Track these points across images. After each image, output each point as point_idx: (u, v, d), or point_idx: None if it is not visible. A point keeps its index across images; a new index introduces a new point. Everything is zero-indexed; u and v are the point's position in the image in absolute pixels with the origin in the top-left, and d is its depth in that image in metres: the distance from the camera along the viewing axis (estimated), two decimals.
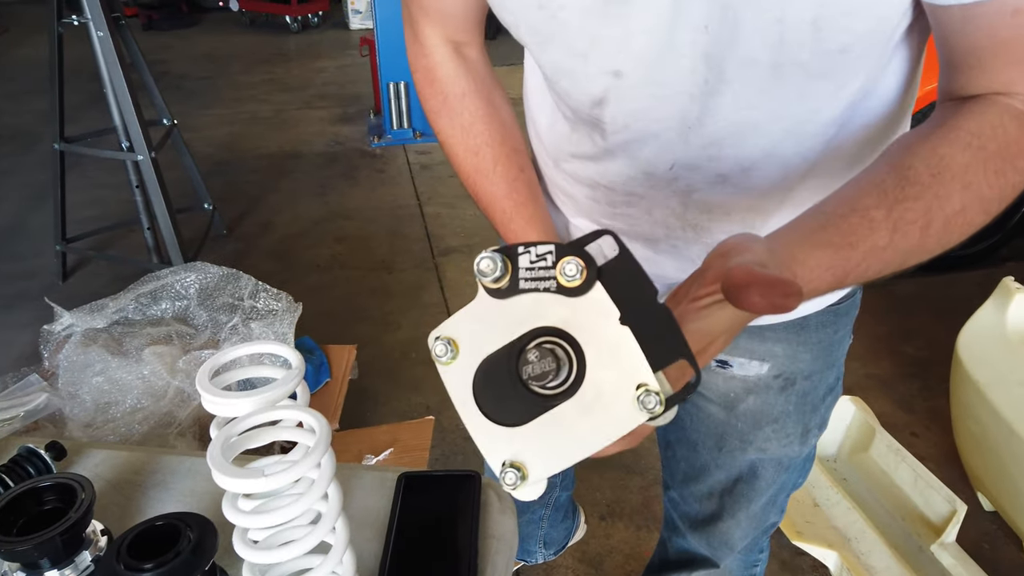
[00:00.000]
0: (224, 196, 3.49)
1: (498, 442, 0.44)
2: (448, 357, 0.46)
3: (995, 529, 1.75)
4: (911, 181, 0.51)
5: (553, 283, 0.43)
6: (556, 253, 0.43)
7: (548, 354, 0.43)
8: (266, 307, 1.80)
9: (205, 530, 0.63)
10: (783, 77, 0.58)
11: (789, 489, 1.01)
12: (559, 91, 0.69)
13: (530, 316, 0.44)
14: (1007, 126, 0.53)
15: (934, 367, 2.25)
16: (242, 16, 7.52)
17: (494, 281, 0.44)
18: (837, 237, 0.50)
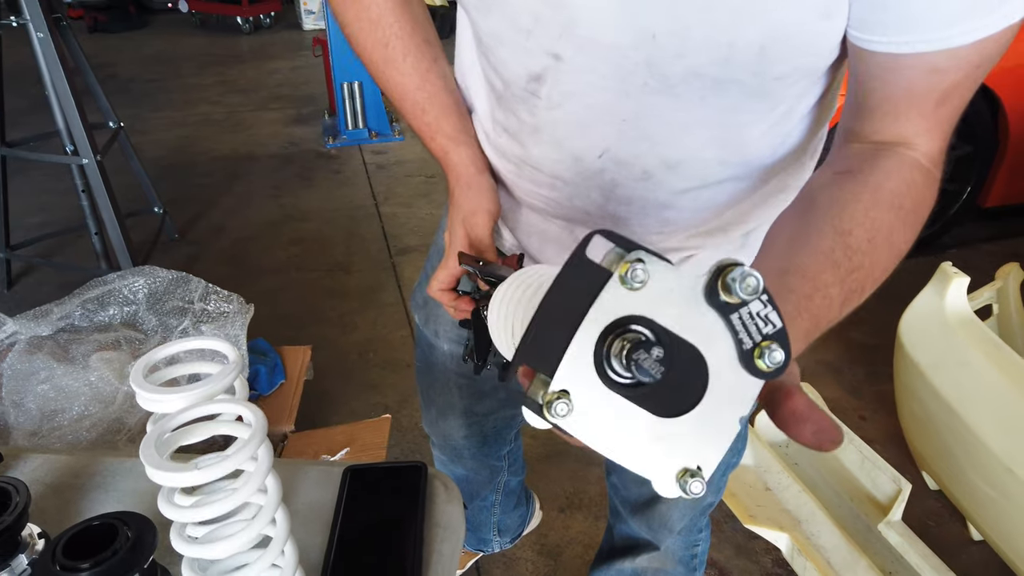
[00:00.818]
0: (175, 200, 3.43)
1: (580, 376, 0.39)
2: (636, 286, 0.39)
3: (939, 507, 1.81)
4: (854, 250, 0.55)
5: (750, 344, 0.40)
6: (778, 332, 0.40)
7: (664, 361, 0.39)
8: (217, 309, 1.78)
9: (144, 528, 0.62)
10: (722, 92, 0.61)
11: (724, 468, 1.04)
12: (495, 60, 0.69)
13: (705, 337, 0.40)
14: (917, 183, 0.58)
15: (881, 352, 2.31)
16: (192, 17, 7.40)
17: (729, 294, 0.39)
18: (809, 323, 0.53)
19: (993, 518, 1.50)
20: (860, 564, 1.52)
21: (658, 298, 0.39)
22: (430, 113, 0.75)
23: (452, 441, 1.24)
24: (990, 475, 1.44)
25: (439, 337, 1.06)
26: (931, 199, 0.60)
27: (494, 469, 1.36)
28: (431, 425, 1.24)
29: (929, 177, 0.59)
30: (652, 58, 0.59)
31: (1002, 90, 2.59)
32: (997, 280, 1.89)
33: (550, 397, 0.39)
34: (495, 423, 1.20)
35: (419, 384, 1.21)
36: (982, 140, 2.70)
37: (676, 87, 0.61)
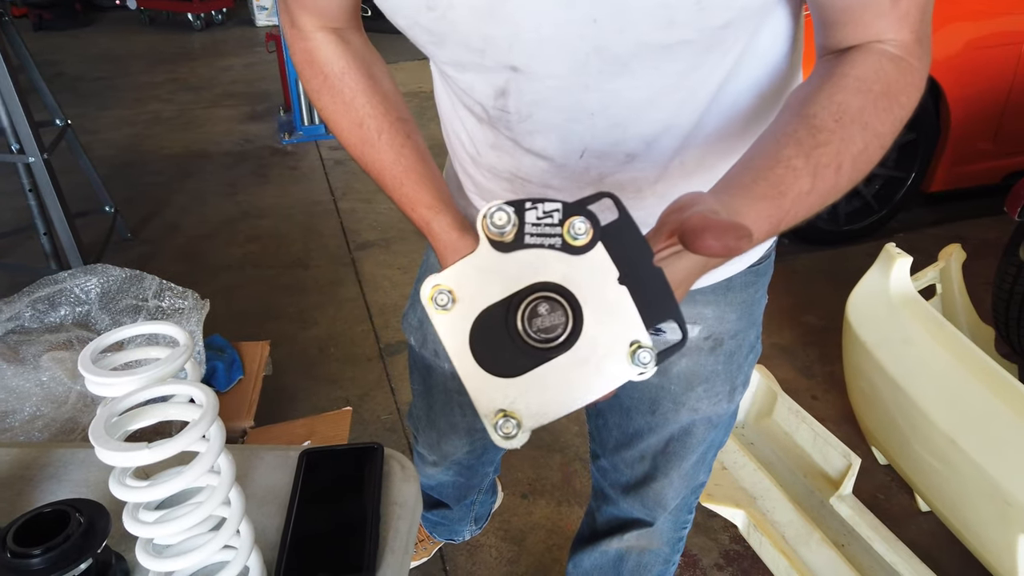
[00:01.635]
0: (127, 199, 3.37)
1: (493, 391, 0.45)
2: (446, 307, 0.46)
3: (889, 481, 1.87)
4: (819, 128, 0.57)
5: (558, 240, 0.45)
6: (563, 211, 0.45)
7: (552, 305, 0.44)
8: (172, 306, 1.75)
9: (96, 514, 0.62)
10: (673, 55, 0.62)
11: (717, 447, 1.05)
12: (464, 86, 0.71)
13: (531, 271, 0.45)
14: (886, 68, 0.60)
15: (832, 334, 2.37)
16: (141, 14, 7.24)
17: (501, 234, 0.44)
18: (770, 189, 0.55)
19: (938, 489, 1.56)
20: (813, 537, 1.56)
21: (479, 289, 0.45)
22: (407, 185, 0.76)
23: (454, 458, 1.25)
24: (935, 448, 1.49)
25: (439, 357, 1.06)
26: (908, 84, 0.61)
27: (484, 474, 1.37)
28: (431, 447, 1.24)
29: (902, 64, 0.61)
30: (599, 42, 0.60)
31: (943, 79, 2.67)
32: (940, 261, 1.95)
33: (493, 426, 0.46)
34: None
35: (417, 409, 1.21)
36: (925, 128, 2.78)
37: (630, 64, 0.62)
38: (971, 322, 2.00)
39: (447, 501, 1.42)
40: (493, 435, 0.46)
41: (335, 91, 0.76)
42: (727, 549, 1.71)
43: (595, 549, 1.23)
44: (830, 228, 2.89)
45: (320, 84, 0.77)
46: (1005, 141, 2.89)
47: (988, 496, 1.36)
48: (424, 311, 1.04)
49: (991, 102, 2.79)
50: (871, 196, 2.89)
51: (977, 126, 2.82)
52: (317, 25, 0.76)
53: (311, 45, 0.76)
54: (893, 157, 2.86)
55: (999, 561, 1.39)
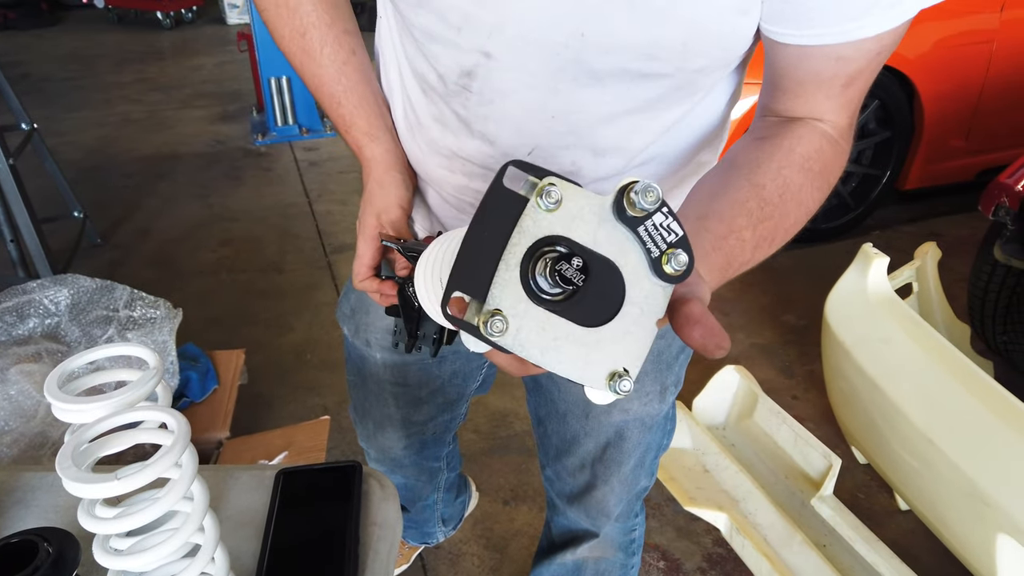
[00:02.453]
0: (97, 203, 3.30)
1: (509, 295, 0.43)
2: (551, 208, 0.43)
3: (868, 480, 1.88)
4: (766, 201, 0.61)
5: (657, 252, 0.44)
6: (681, 238, 0.45)
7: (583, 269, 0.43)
8: (144, 316, 1.72)
9: (65, 543, 0.60)
10: (647, 85, 0.64)
11: (655, 450, 1.05)
12: (428, 54, 0.69)
13: (618, 250, 0.44)
14: (825, 150, 0.64)
15: (812, 333, 2.39)
16: (109, 13, 7.12)
17: (634, 208, 0.43)
18: (722, 260, 0.58)
19: (917, 487, 1.57)
20: (795, 539, 1.57)
21: (572, 218, 0.43)
22: (345, 106, 0.75)
23: (391, 453, 1.23)
24: (913, 447, 1.50)
25: (371, 346, 1.05)
26: (838, 167, 0.66)
27: (433, 471, 1.35)
28: (368, 439, 1.22)
29: (837, 147, 0.65)
30: (581, 56, 0.61)
31: (917, 78, 2.70)
32: (916, 259, 1.97)
33: (484, 317, 0.42)
34: (434, 429, 1.19)
35: (352, 399, 1.19)
36: (900, 126, 2.81)
37: (604, 81, 0.63)
38: (947, 320, 2.02)
39: (403, 503, 1.41)
40: (479, 324, 0.42)
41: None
42: (710, 552, 1.71)
43: (553, 561, 1.23)
44: (808, 226, 2.89)
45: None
46: (977, 138, 2.92)
47: (966, 495, 1.37)
48: (358, 298, 1.02)
49: (963, 100, 2.82)
50: (847, 194, 2.91)
51: (950, 124, 2.85)
52: None
53: None
54: (869, 155, 2.88)
55: (977, 559, 1.40)
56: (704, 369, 2.01)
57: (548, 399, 1.02)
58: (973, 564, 1.44)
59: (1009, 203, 1.74)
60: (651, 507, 1.81)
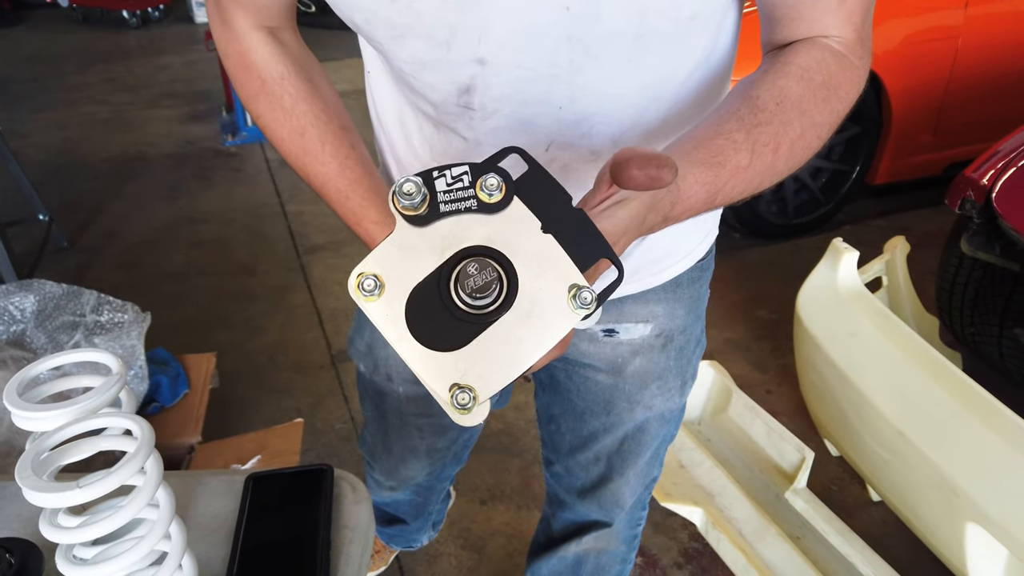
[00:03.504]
0: (63, 206, 3.24)
1: (441, 368, 0.44)
2: (375, 293, 0.44)
3: (841, 472, 1.90)
4: (760, 108, 0.59)
5: (473, 202, 0.44)
6: (472, 172, 0.44)
7: (483, 269, 0.44)
8: (111, 320, 1.69)
9: (28, 554, 0.59)
10: (645, 46, 0.61)
11: (668, 441, 1.06)
12: (422, 86, 0.68)
13: (454, 239, 0.44)
14: (828, 61, 0.62)
15: (784, 328, 2.41)
16: (73, 12, 6.99)
17: (414, 208, 0.44)
18: (708, 156, 0.56)
19: (888, 479, 1.59)
20: (770, 532, 1.58)
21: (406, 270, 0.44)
22: (353, 200, 0.73)
23: (414, 481, 1.22)
24: (884, 439, 1.52)
25: (392, 381, 1.03)
26: (847, 79, 0.63)
27: (442, 488, 1.35)
28: (389, 474, 1.21)
29: (844, 60, 0.63)
30: (571, 31, 0.59)
31: (885, 75, 2.73)
32: (885, 253, 1.99)
33: (451, 403, 0.44)
34: (455, 449, 1.18)
35: (372, 436, 1.18)
36: (868, 122, 2.84)
37: (600, 55, 0.61)
38: (916, 312, 2.05)
39: (404, 518, 1.40)
40: (451, 412, 0.44)
41: (273, 97, 0.72)
42: (686, 547, 1.72)
43: (553, 555, 1.22)
44: (780, 222, 2.94)
45: (257, 89, 0.73)
46: (944, 133, 2.97)
47: (936, 485, 1.39)
48: (373, 334, 1.01)
49: (930, 96, 2.86)
50: (818, 189, 2.94)
51: (917, 119, 2.89)
52: (252, 24, 0.72)
53: (246, 47, 0.72)
54: (839, 151, 2.92)
55: (948, 549, 1.43)
56: None
57: (564, 398, 1.01)
58: (944, 553, 1.46)
59: (975, 197, 1.77)
60: None
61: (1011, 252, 1.76)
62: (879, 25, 2.72)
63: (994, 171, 1.76)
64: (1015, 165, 1.74)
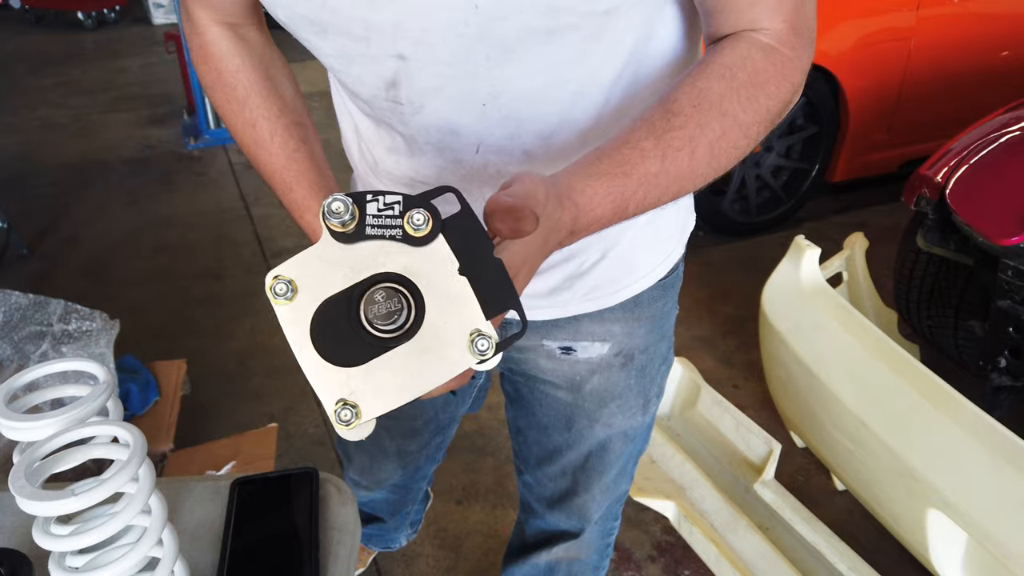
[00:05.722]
0: (21, 212, 3.17)
1: (333, 381, 0.46)
2: (287, 297, 0.46)
3: (807, 463, 1.95)
4: (675, 112, 0.58)
5: (399, 231, 0.46)
6: (404, 204, 0.46)
7: (394, 295, 0.45)
8: (79, 329, 1.66)
9: (18, 564, 0.59)
10: (560, 42, 0.61)
11: (635, 456, 1.05)
12: (352, 81, 0.69)
13: (373, 262, 0.46)
14: (754, 57, 0.61)
15: (749, 323, 2.46)
16: (26, 14, 6.83)
17: (342, 225, 0.45)
18: (612, 167, 0.56)
19: (852, 468, 1.64)
20: (740, 524, 1.62)
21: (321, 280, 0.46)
22: (297, 192, 0.75)
23: (387, 483, 1.22)
24: (847, 429, 1.57)
25: None
26: (777, 74, 0.61)
27: (419, 488, 1.35)
28: (363, 473, 1.21)
29: (773, 54, 0.61)
30: (484, 29, 0.59)
31: (841, 75, 2.80)
32: (845, 249, 2.05)
33: (333, 417, 0.45)
34: (428, 451, 1.18)
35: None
36: (826, 121, 2.91)
37: (516, 51, 0.61)
38: (875, 306, 2.11)
39: (382, 516, 1.41)
40: (335, 423, 0.46)
41: (228, 88, 0.74)
42: (659, 540, 1.75)
43: (526, 562, 1.22)
44: (743, 219, 3.00)
45: (214, 80, 0.75)
46: (899, 131, 3.06)
47: (897, 473, 1.44)
48: None
49: (885, 95, 2.94)
50: (779, 187, 3.01)
51: (873, 118, 2.97)
52: (212, 19, 0.74)
53: (206, 40, 0.75)
54: (798, 150, 2.99)
55: (911, 534, 1.48)
56: None
57: (529, 412, 1.01)
58: (906, 539, 1.51)
59: (929, 194, 1.83)
60: None
61: (965, 247, 1.82)
62: (834, 27, 2.79)
63: (947, 168, 1.82)
64: (967, 163, 1.80)
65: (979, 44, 3.01)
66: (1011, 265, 1.63)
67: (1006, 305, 1.67)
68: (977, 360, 1.83)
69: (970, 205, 1.74)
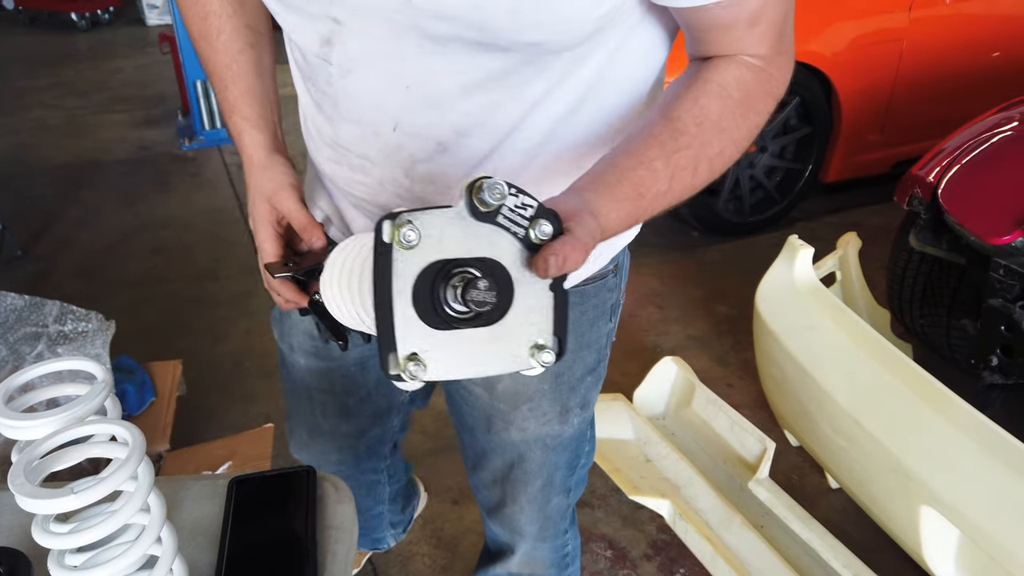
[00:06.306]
0: (15, 213, 3.16)
1: (415, 335, 0.48)
2: (412, 244, 0.48)
3: (801, 461, 1.96)
4: (681, 131, 0.62)
5: (523, 232, 0.50)
6: (536, 210, 0.50)
7: (493, 284, 0.48)
8: (75, 330, 1.67)
9: (17, 563, 0.59)
10: (490, 57, 0.63)
11: (566, 470, 1.03)
12: (289, 27, 0.70)
13: (490, 245, 0.49)
14: (746, 78, 0.65)
15: (744, 323, 2.47)
16: (19, 14, 6.80)
17: (486, 205, 0.48)
18: (631, 190, 0.59)
19: (846, 466, 1.65)
20: (735, 521, 1.63)
21: (439, 240, 0.48)
22: (232, 91, 0.77)
23: (325, 466, 1.19)
24: (841, 427, 1.58)
25: (294, 351, 1.02)
26: (765, 92, 0.66)
27: (372, 484, 1.32)
28: (300, 448, 1.18)
29: (761, 74, 0.65)
30: (415, 21, 0.61)
31: (834, 76, 2.82)
32: (838, 249, 2.06)
33: (403, 365, 0.48)
34: (367, 442, 1.16)
35: (287, 407, 1.15)
36: (819, 122, 2.92)
37: (448, 47, 0.62)
38: (868, 305, 2.12)
39: None
40: (399, 371, 0.48)
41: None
42: (655, 539, 1.76)
43: (487, 572, 1.22)
44: (737, 220, 3.01)
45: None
46: (892, 132, 3.07)
47: (890, 471, 1.45)
48: None
49: (877, 96, 2.96)
50: (773, 188, 3.02)
51: (866, 119, 2.99)
52: None
53: None
54: (792, 150, 3.00)
55: (903, 532, 1.49)
56: (643, 361, 2.07)
57: (457, 410, 1.01)
58: (899, 536, 1.52)
59: (922, 194, 1.84)
60: (596, 497, 1.85)
61: (957, 246, 1.83)
62: (827, 28, 2.81)
63: (940, 168, 1.84)
64: (959, 163, 1.81)
65: (971, 45, 3.03)
66: (1003, 264, 1.64)
67: (998, 304, 1.68)
68: (969, 358, 1.84)
69: (962, 205, 1.75)
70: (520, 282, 0.50)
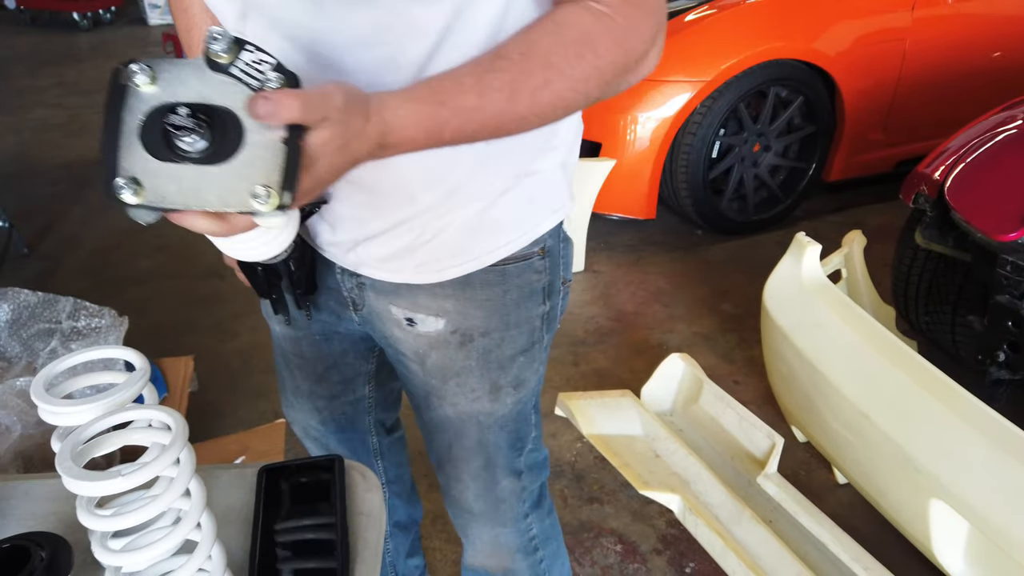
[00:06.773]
0: (20, 212, 3.17)
1: (138, 164, 0.52)
2: (139, 81, 0.52)
3: (808, 457, 1.97)
4: (501, 57, 0.64)
5: (257, 84, 0.53)
6: (274, 67, 0.53)
7: (208, 125, 0.52)
8: (87, 326, 1.67)
9: (58, 548, 0.60)
10: (362, 11, 0.66)
11: (508, 451, 1.03)
12: (211, 4, 0.74)
13: (222, 95, 0.53)
14: (585, 19, 0.66)
15: (749, 320, 2.48)
16: (21, 14, 6.82)
17: (217, 55, 0.52)
18: (428, 95, 0.61)
19: (854, 461, 1.66)
20: (744, 516, 1.64)
21: (173, 85, 0.53)
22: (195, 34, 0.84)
23: (311, 431, 1.21)
24: (849, 423, 1.59)
25: (271, 319, 1.07)
26: (607, 37, 0.66)
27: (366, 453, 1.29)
28: (288, 408, 1.21)
29: (603, 19, 0.66)
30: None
31: (838, 75, 2.83)
32: (844, 247, 2.07)
33: (122, 189, 0.51)
34: (343, 408, 1.17)
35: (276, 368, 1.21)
36: (823, 121, 2.94)
37: (325, 6, 0.65)
38: (874, 303, 2.13)
39: None
40: (118, 190, 0.51)
41: None
42: (664, 533, 1.77)
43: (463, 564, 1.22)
44: (740, 218, 3.02)
45: None
46: (895, 131, 3.08)
47: (899, 465, 1.46)
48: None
49: (881, 95, 2.97)
50: (777, 187, 3.03)
51: (869, 118, 3.00)
52: None
53: None
54: (795, 149, 3.01)
55: (912, 526, 1.50)
56: (650, 358, 2.08)
57: (408, 392, 1.04)
58: (908, 530, 1.53)
59: (928, 192, 1.85)
60: (606, 493, 1.86)
61: (963, 243, 1.84)
62: (830, 28, 2.82)
63: (945, 166, 1.85)
64: (966, 160, 1.82)
65: (973, 45, 3.05)
66: (1009, 260, 1.65)
67: (1005, 300, 1.69)
68: (974, 355, 1.85)
69: (968, 202, 1.76)
70: (251, 130, 0.52)
